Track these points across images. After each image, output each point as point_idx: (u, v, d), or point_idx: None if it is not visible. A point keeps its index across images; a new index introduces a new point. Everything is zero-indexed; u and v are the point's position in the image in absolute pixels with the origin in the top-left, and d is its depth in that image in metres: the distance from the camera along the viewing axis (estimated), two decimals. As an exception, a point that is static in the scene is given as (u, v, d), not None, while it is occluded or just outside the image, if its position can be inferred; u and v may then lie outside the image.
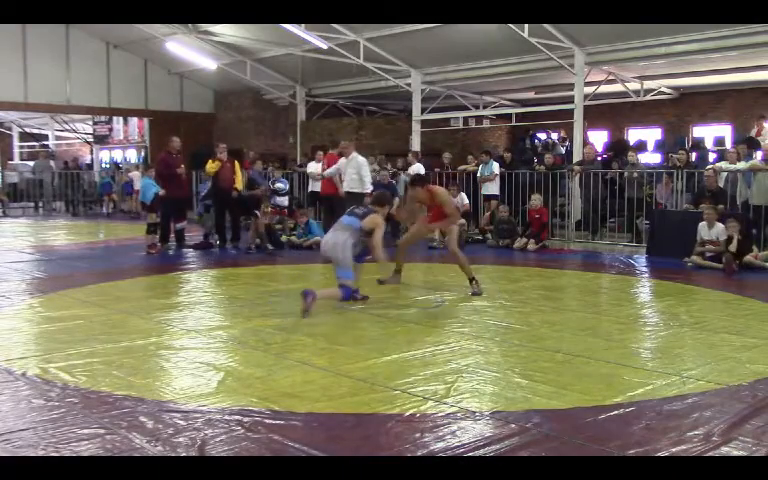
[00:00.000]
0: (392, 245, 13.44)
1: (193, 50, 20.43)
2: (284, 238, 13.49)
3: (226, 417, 4.28)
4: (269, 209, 13.57)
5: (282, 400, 4.58)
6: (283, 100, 23.00)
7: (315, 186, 15.65)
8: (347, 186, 12.10)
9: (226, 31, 19.14)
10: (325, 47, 17.54)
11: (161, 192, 12.71)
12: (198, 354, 5.78)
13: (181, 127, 21.71)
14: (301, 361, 5.52)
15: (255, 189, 12.96)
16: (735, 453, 3.80)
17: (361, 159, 12.37)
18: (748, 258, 10.31)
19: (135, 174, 22.59)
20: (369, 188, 11.94)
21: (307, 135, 22.20)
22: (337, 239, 7.55)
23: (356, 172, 12.11)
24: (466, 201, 14.45)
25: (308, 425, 4.24)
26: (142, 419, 4.24)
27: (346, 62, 18.11)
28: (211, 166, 13.15)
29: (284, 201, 13.69)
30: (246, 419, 4.24)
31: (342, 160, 12.45)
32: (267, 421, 4.21)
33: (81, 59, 21.98)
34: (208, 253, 12.53)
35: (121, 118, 27.44)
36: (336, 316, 7.38)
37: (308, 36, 16.97)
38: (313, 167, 16.20)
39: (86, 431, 4.06)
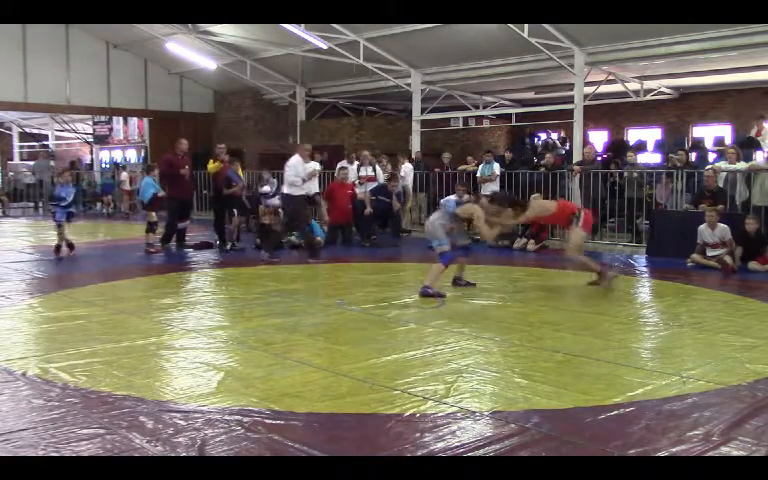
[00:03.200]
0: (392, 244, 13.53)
1: (193, 50, 20.43)
2: (284, 239, 13.48)
3: (226, 417, 4.28)
4: (269, 209, 13.58)
5: (282, 400, 4.59)
6: (283, 100, 23.00)
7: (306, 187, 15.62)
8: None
9: (226, 31, 19.14)
10: (325, 47, 17.54)
11: (160, 193, 12.73)
12: (198, 354, 5.78)
13: (181, 127, 21.71)
14: (301, 361, 5.53)
15: (233, 188, 12.96)
16: (735, 453, 3.81)
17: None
18: (752, 264, 10.27)
19: (124, 175, 22.70)
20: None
21: (307, 135, 22.18)
22: (431, 218, 8.69)
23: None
24: None
25: (308, 425, 4.25)
26: (142, 419, 4.24)
27: (346, 62, 18.11)
28: (212, 166, 13.23)
29: (275, 201, 13.58)
30: (246, 419, 4.24)
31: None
32: (267, 421, 4.21)
33: (81, 59, 21.97)
34: (208, 253, 12.53)
35: (121, 118, 27.43)
36: (336, 316, 7.39)
37: (308, 36, 16.96)
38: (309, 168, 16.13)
39: (86, 431, 4.06)
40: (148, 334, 6.40)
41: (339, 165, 15.08)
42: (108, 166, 27.92)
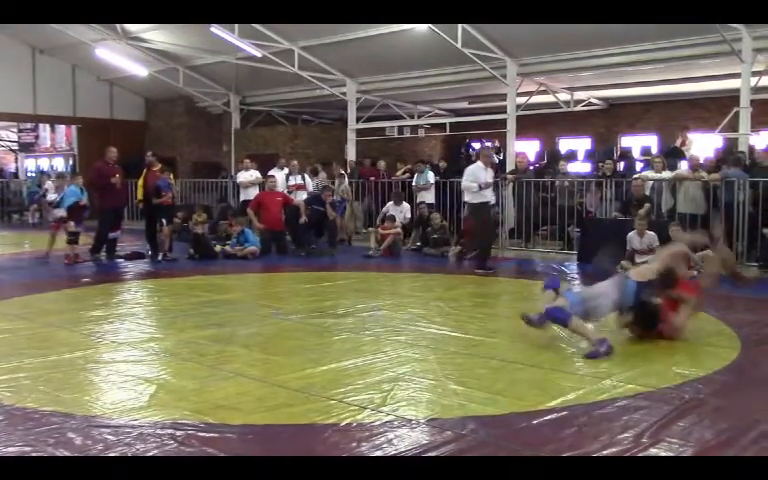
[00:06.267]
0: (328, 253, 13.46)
1: (123, 56, 19.98)
2: (218, 248, 13.32)
3: (158, 431, 4.19)
4: (202, 217, 13.38)
5: (216, 412, 4.51)
6: (217, 108, 22.73)
7: (247, 194, 15.54)
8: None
9: (158, 38, 18.80)
10: (259, 55, 17.41)
11: (82, 201, 12.47)
12: (129, 367, 5.64)
13: (111, 135, 21.20)
14: (236, 372, 5.45)
15: (162, 197, 12.77)
16: (663, 454, 3.91)
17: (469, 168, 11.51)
18: None
19: (49, 184, 22.05)
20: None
21: (241, 143, 21.97)
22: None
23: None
24: (408, 214, 14.62)
25: (243, 437, 4.19)
26: (70, 435, 4.11)
27: (281, 70, 18.01)
28: (141, 189, 13.15)
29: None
30: (179, 432, 4.15)
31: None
32: (201, 434, 4.13)
33: (4, 64, 21.19)
34: (139, 263, 12.26)
35: (48, 125, 26.63)
36: (271, 326, 7.32)
37: (241, 44, 16.81)
38: (243, 176, 16.05)
39: (10, 449, 3.92)
40: (77, 347, 6.21)
41: (268, 174, 15.05)
42: (34, 175, 27.08)
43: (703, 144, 16.01)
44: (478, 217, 11.32)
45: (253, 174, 15.95)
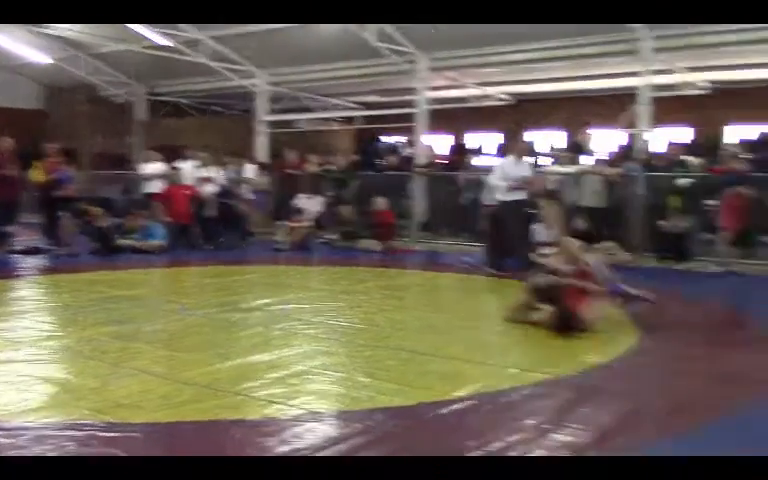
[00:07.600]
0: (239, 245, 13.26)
1: (20, 43, 19.06)
2: (122, 242, 12.90)
3: (56, 432, 4.02)
4: (98, 211, 12.94)
5: (118, 411, 4.36)
6: (121, 97, 22.00)
7: (151, 187, 15.08)
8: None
9: (58, 23, 18.03)
10: (166, 44, 16.95)
11: None
12: (25, 366, 5.38)
13: (5, 124, 20.18)
14: (139, 369, 5.29)
15: (61, 189, 12.34)
16: (562, 438, 4.00)
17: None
18: None
19: None
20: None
21: (149, 134, 21.36)
22: None
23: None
24: (320, 207, 14.60)
25: (147, 436, 4.07)
26: (-41, 439, 3.90)
27: (190, 60, 17.59)
28: (36, 173, 12.56)
29: None
30: (79, 433, 3.99)
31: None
32: (102, 434, 3.99)
33: None
34: (37, 258, 11.75)
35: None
36: (177, 322, 7.14)
37: (148, 32, 16.33)
38: (147, 168, 15.57)
39: None
40: (-32, 347, 5.90)
41: (175, 165, 14.70)
42: None
43: (605, 140, 16.57)
44: (507, 218, 10.58)
45: (158, 166, 15.49)
